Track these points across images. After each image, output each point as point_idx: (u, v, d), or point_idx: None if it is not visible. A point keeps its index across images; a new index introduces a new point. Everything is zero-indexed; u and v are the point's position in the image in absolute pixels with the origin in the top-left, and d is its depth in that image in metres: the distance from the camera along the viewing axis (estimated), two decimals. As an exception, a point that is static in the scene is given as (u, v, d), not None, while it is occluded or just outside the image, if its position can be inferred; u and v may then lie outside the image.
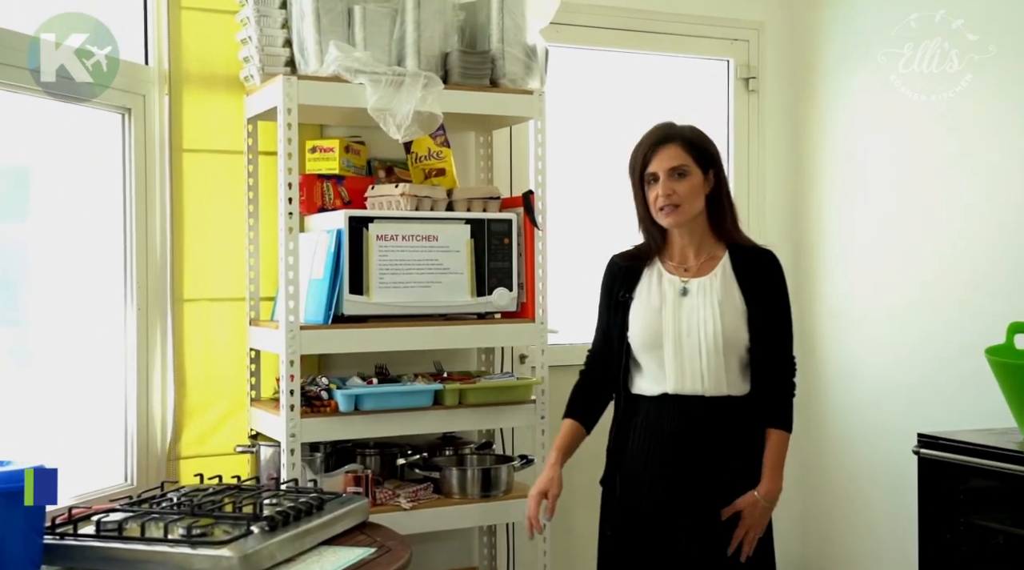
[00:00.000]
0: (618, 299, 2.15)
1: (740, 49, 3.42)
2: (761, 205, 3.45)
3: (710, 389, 2.05)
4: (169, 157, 2.66)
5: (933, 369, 2.91)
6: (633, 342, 2.12)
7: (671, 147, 2.10)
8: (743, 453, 2.07)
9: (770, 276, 2.13)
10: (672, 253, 2.16)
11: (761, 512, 2.05)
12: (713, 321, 2.05)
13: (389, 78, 2.50)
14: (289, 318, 2.43)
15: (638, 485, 2.10)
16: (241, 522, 1.90)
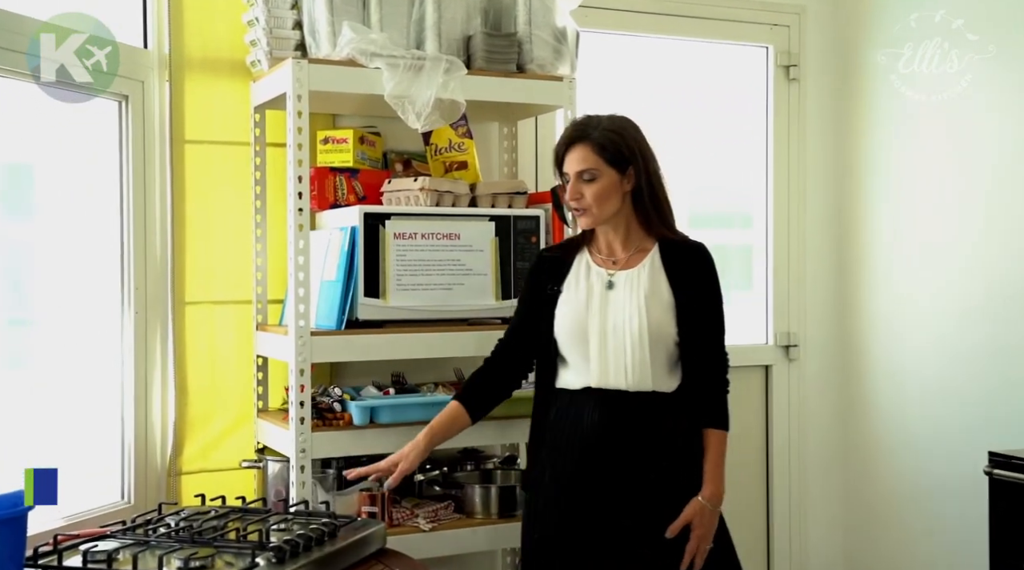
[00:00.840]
0: (546, 292, 2.08)
1: (780, 35, 3.21)
2: (801, 201, 3.24)
3: (634, 384, 1.98)
4: (170, 148, 2.47)
5: (1001, 380, 2.69)
6: (559, 335, 2.05)
7: (580, 149, 2.02)
8: (668, 450, 1.99)
9: (701, 269, 2.06)
10: (600, 245, 2.10)
11: (710, 518, 1.99)
12: (639, 315, 1.99)
13: (408, 62, 2.30)
14: (299, 323, 2.23)
15: (559, 481, 2.01)
16: (246, 552, 1.70)
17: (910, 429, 3.00)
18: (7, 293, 2.36)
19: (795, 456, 3.24)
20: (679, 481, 2.00)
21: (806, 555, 3.26)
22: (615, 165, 2.01)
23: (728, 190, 3.28)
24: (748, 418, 3.22)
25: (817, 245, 3.25)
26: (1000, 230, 2.73)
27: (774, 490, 3.22)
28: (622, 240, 2.07)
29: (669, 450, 1.99)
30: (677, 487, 2.00)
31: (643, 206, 2.04)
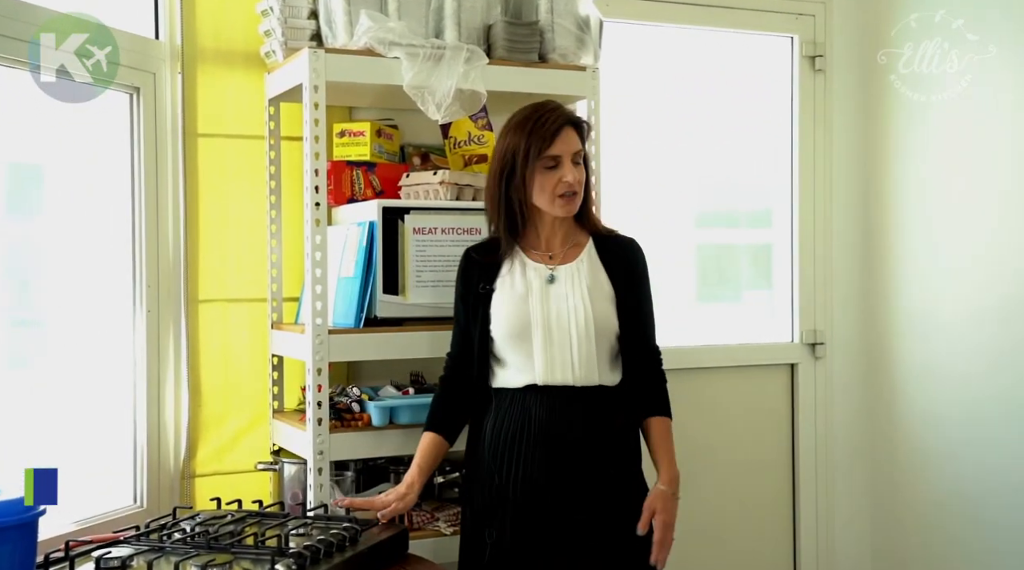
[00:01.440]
0: (478, 292, 2.02)
1: (806, 24, 3.13)
2: (828, 195, 3.16)
3: (580, 379, 1.95)
4: (182, 142, 2.40)
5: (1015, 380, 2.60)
6: (498, 334, 1.99)
7: (573, 132, 1.99)
8: (615, 444, 1.98)
9: (635, 263, 2.07)
10: (535, 242, 2.05)
11: (672, 504, 1.98)
12: (584, 308, 1.97)
13: (428, 51, 2.23)
14: (316, 321, 2.16)
15: (503, 484, 1.96)
16: (265, 558, 1.64)
17: (940, 429, 2.91)
18: (16, 293, 2.29)
19: (822, 456, 3.16)
20: (629, 473, 2.01)
21: (833, 555, 3.17)
22: (584, 156, 2.04)
23: (751, 186, 3.19)
24: (774, 417, 3.14)
25: (844, 240, 3.17)
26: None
27: (800, 490, 3.14)
28: (562, 234, 2.04)
29: (618, 443, 1.99)
30: (627, 479, 2.00)
31: (587, 198, 2.04)
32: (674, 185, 3.09)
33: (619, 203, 2.97)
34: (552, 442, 1.94)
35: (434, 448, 2.04)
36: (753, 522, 3.11)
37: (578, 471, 1.94)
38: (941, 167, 2.92)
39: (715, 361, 3.07)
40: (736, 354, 3.09)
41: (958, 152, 2.85)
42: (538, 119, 1.97)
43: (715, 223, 3.17)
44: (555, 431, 1.94)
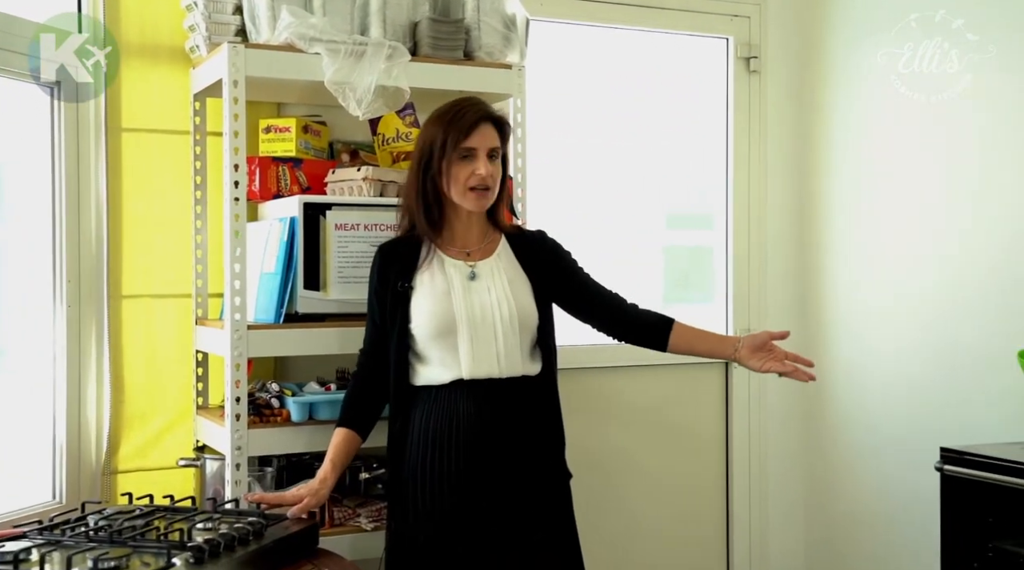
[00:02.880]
0: (396, 290, 2.02)
1: (741, 26, 3.16)
2: (762, 195, 3.19)
3: (505, 371, 1.99)
4: (105, 137, 2.39)
5: (957, 376, 2.66)
6: (420, 332, 2.00)
7: (491, 127, 2.02)
8: (540, 432, 2.04)
9: (549, 249, 2.14)
10: (451, 238, 2.07)
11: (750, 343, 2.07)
12: (507, 301, 2.01)
13: (349, 47, 2.23)
14: (235, 316, 2.16)
15: (432, 480, 1.97)
16: (162, 552, 1.63)
17: (869, 427, 2.95)
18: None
19: (755, 454, 3.19)
20: (554, 460, 2.06)
21: (766, 554, 3.21)
22: (503, 153, 2.06)
23: (687, 187, 3.22)
24: (708, 416, 3.17)
25: (778, 241, 3.20)
26: (957, 231, 2.68)
27: (734, 488, 3.17)
28: (479, 230, 2.07)
29: (543, 431, 2.05)
30: (552, 467, 2.05)
31: (497, 197, 2.07)
32: (611, 186, 3.10)
33: (551, 202, 2.99)
34: (481, 434, 1.97)
35: (347, 443, 2.04)
36: (687, 515, 3.14)
37: (508, 461, 1.98)
38: (870, 171, 2.96)
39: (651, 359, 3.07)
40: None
41: (888, 155, 2.90)
42: (457, 112, 2.00)
43: (654, 224, 3.19)
44: (483, 423, 1.97)
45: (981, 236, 2.62)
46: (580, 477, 2.92)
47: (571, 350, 2.98)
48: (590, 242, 3.06)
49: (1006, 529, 2.10)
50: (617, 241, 3.12)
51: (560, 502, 2.04)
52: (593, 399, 3.02)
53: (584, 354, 2.98)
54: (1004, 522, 2.10)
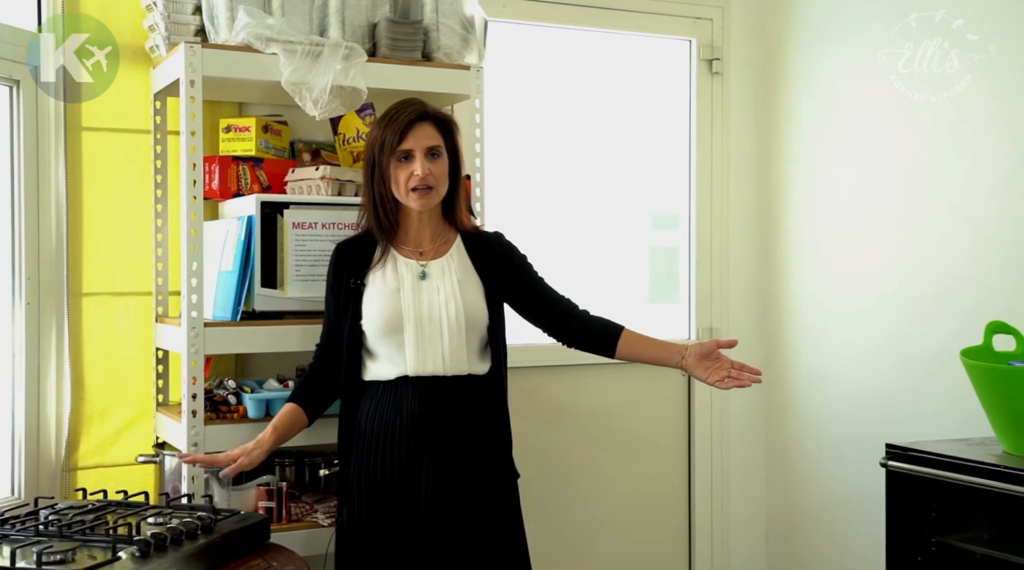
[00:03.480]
0: (349, 287, 2.06)
1: (703, 28, 3.19)
2: (724, 196, 3.22)
3: (451, 369, 2.02)
4: (65, 135, 2.40)
5: (906, 374, 2.70)
6: (369, 328, 2.04)
7: (428, 126, 2.04)
8: (484, 429, 2.06)
9: (504, 250, 2.16)
10: (405, 237, 2.10)
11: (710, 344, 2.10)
12: (455, 301, 2.03)
13: (305, 48, 2.25)
14: (191, 314, 2.18)
15: (377, 472, 2.01)
16: (108, 546, 1.65)
17: (828, 425, 2.99)
18: None
19: (718, 454, 3.22)
20: (500, 458, 2.08)
21: (727, 553, 3.24)
22: (448, 148, 2.07)
23: (652, 188, 3.24)
24: (671, 414, 3.20)
25: (740, 241, 3.24)
26: (915, 231, 2.72)
27: (696, 489, 3.20)
28: (432, 230, 2.10)
29: (489, 428, 2.07)
30: (498, 465, 2.07)
31: (450, 196, 2.09)
32: (574, 187, 3.13)
33: (514, 203, 3.02)
34: (424, 429, 2.00)
35: (292, 416, 2.07)
36: (650, 508, 3.17)
37: (451, 458, 2.00)
38: (831, 174, 3.00)
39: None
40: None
41: (849, 157, 2.93)
42: (394, 115, 2.04)
43: (618, 225, 3.21)
44: (427, 419, 2.00)
45: (937, 238, 2.65)
46: (542, 478, 2.98)
47: (539, 349, 3.02)
48: (553, 242, 3.09)
49: (949, 524, 2.14)
50: (581, 242, 3.15)
51: (505, 500, 2.07)
52: (557, 398, 3.06)
53: (551, 352, 3.01)
54: (947, 517, 2.14)
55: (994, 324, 2.17)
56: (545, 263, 3.01)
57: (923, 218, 2.70)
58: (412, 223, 2.09)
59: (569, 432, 3.07)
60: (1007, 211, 2.45)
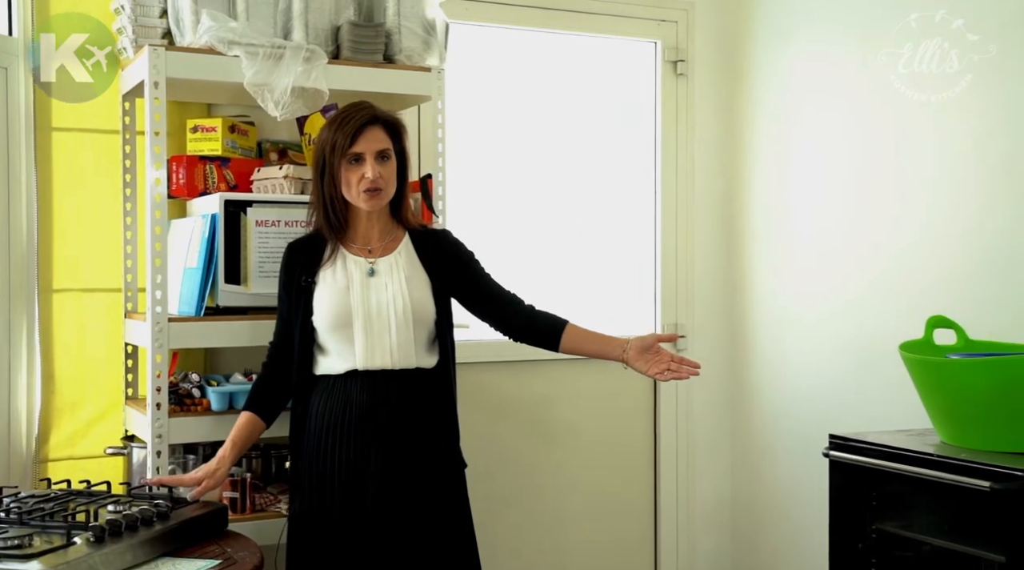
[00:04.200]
0: (300, 284, 2.12)
1: (668, 31, 3.26)
2: (689, 195, 3.29)
3: (399, 363, 2.07)
4: (35, 136, 2.46)
5: (858, 368, 2.77)
6: (320, 324, 2.10)
7: (378, 129, 2.10)
8: (431, 422, 2.11)
9: (451, 247, 2.21)
10: (355, 236, 2.16)
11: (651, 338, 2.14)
12: (403, 297, 2.09)
13: (267, 50, 2.31)
14: (156, 309, 2.24)
15: (326, 462, 2.06)
16: (63, 531, 1.71)
17: (788, 418, 3.06)
18: None
19: (683, 442, 3.29)
20: (447, 450, 2.13)
21: (694, 538, 3.31)
22: (397, 153, 2.13)
23: (617, 186, 3.30)
24: (636, 406, 3.27)
25: (704, 238, 3.30)
26: (875, 225, 2.78)
27: (661, 477, 3.26)
28: (380, 228, 2.15)
29: (436, 420, 2.12)
30: (443, 459, 2.12)
31: (398, 195, 2.15)
32: (541, 186, 3.19)
33: (479, 202, 3.08)
34: (373, 422, 2.05)
35: (249, 425, 2.13)
36: (615, 502, 3.24)
37: (398, 450, 2.06)
38: (792, 174, 3.06)
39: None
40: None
41: (809, 158, 2.99)
42: (344, 118, 2.09)
43: (583, 223, 3.28)
44: (375, 411, 2.06)
45: (892, 235, 2.71)
46: (505, 473, 3.04)
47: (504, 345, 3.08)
48: (518, 242, 3.16)
49: (888, 512, 2.21)
50: (546, 241, 3.21)
51: (452, 489, 2.12)
52: (522, 393, 3.12)
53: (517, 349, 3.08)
54: (886, 505, 2.21)
55: (935, 319, 2.23)
56: (510, 261, 3.09)
57: (874, 217, 2.76)
58: (361, 222, 2.14)
59: (534, 427, 3.14)
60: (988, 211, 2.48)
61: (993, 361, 2.00)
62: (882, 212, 2.75)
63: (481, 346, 2.99)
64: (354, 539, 2.04)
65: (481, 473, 2.36)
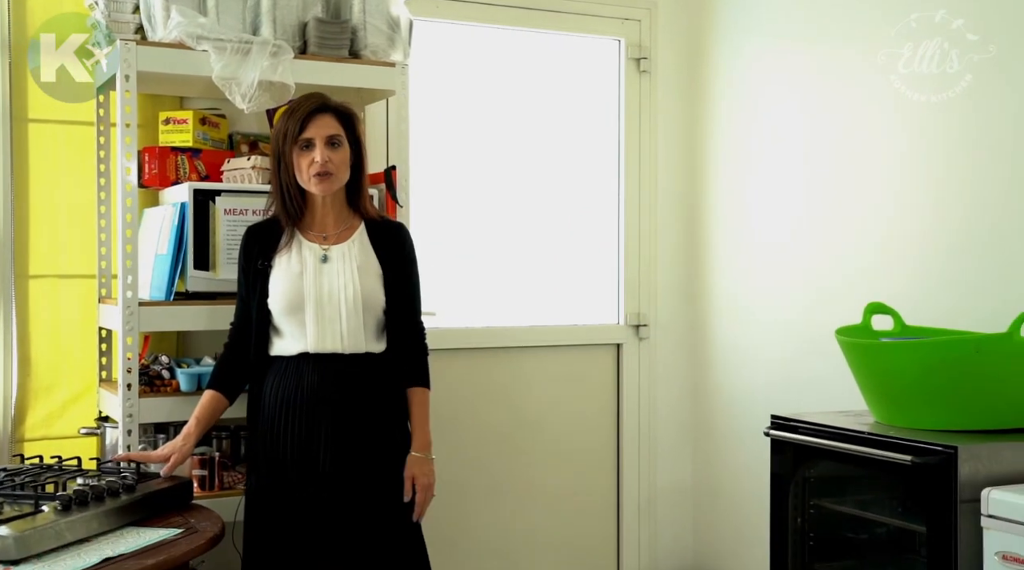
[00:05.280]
0: (257, 267, 2.21)
1: (631, 29, 3.36)
2: (652, 189, 3.39)
3: (349, 347, 2.16)
4: (11, 127, 2.55)
5: (809, 354, 2.87)
6: (274, 307, 2.18)
7: (328, 116, 2.18)
8: (380, 403, 2.19)
9: (402, 246, 2.28)
10: (311, 223, 2.23)
11: (429, 467, 2.21)
12: (353, 285, 2.17)
13: (235, 45, 2.41)
14: (127, 294, 2.34)
15: (279, 440, 2.15)
16: (30, 501, 1.81)
17: (744, 402, 3.16)
18: None
19: (645, 429, 3.39)
20: (393, 433, 2.22)
21: (655, 522, 3.41)
22: (350, 140, 2.21)
23: (581, 180, 3.39)
24: (600, 393, 3.37)
25: (666, 231, 3.40)
26: (819, 220, 2.89)
27: (624, 463, 3.37)
28: (335, 216, 2.23)
29: (384, 402, 2.20)
30: (392, 438, 2.21)
31: (357, 182, 2.24)
32: (507, 179, 3.28)
33: (446, 194, 3.18)
34: (323, 403, 2.15)
35: (212, 402, 2.23)
36: (580, 488, 3.33)
37: (348, 429, 2.15)
38: (751, 169, 3.17)
39: (547, 340, 3.29)
40: (567, 334, 3.32)
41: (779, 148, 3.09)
42: (296, 106, 2.20)
43: (549, 216, 3.37)
44: (325, 393, 2.15)
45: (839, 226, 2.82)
46: (465, 458, 3.12)
47: (471, 332, 3.19)
48: (484, 235, 3.25)
49: (825, 488, 2.31)
50: (512, 234, 3.30)
51: (399, 460, 2.20)
52: (487, 381, 3.21)
53: (484, 336, 3.19)
54: (823, 482, 2.31)
55: (873, 305, 2.34)
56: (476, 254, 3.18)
57: (827, 208, 2.86)
58: (317, 209, 2.23)
59: (498, 413, 3.23)
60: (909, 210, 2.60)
61: (915, 344, 2.11)
62: (835, 208, 2.85)
63: (446, 333, 3.09)
64: (307, 513, 2.13)
65: (443, 459, 2.46)
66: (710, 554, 3.36)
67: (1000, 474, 1.93)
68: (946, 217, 2.53)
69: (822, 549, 2.34)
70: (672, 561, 3.41)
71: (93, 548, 1.77)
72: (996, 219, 2.41)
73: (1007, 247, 2.38)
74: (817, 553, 2.33)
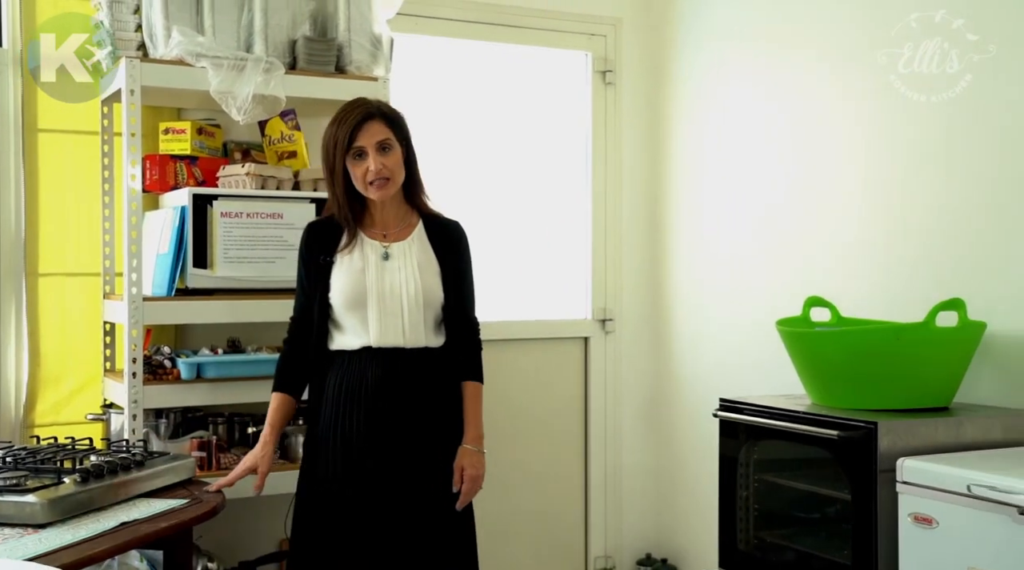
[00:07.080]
0: (319, 263, 2.28)
1: (598, 43, 3.59)
2: (618, 194, 3.62)
3: (410, 342, 2.24)
4: (24, 136, 2.76)
5: (758, 345, 3.08)
6: (336, 302, 2.25)
7: (376, 123, 2.24)
8: (439, 395, 2.27)
9: (459, 243, 2.35)
10: (371, 221, 2.31)
11: (478, 459, 2.30)
12: (414, 281, 2.24)
13: (231, 62, 2.63)
14: (132, 290, 2.55)
15: (345, 430, 2.21)
16: (52, 474, 2.02)
17: (701, 388, 3.39)
18: None
19: (611, 415, 3.62)
20: (449, 425, 2.31)
21: (620, 504, 3.65)
22: (400, 141, 2.27)
23: (551, 185, 3.60)
24: (569, 383, 3.60)
25: (630, 233, 3.64)
26: (773, 221, 3.12)
27: (591, 448, 3.60)
28: (394, 215, 2.31)
29: (443, 394, 2.29)
30: (448, 430, 2.31)
31: (412, 180, 2.32)
32: (478, 187, 3.50)
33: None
34: (386, 395, 2.22)
35: (283, 406, 2.31)
36: (549, 472, 3.56)
37: (409, 420, 2.23)
38: (708, 174, 3.41)
39: (520, 334, 3.52)
40: (540, 328, 3.55)
41: (735, 156, 3.33)
42: (343, 116, 2.25)
43: (522, 219, 3.59)
44: (388, 386, 2.22)
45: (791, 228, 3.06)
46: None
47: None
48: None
49: (768, 464, 2.56)
50: (488, 234, 3.49)
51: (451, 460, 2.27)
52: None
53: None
54: (766, 458, 2.56)
55: (812, 299, 2.58)
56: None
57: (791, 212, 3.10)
58: (376, 208, 2.29)
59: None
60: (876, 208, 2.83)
61: (843, 332, 2.36)
62: (789, 211, 3.08)
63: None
64: (367, 500, 2.20)
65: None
66: (671, 527, 3.59)
67: (915, 446, 2.17)
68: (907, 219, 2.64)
69: (766, 519, 2.58)
70: (636, 534, 3.65)
71: (110, 514, 1.98)
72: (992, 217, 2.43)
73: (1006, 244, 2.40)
74: (761, 523, 2.57)
